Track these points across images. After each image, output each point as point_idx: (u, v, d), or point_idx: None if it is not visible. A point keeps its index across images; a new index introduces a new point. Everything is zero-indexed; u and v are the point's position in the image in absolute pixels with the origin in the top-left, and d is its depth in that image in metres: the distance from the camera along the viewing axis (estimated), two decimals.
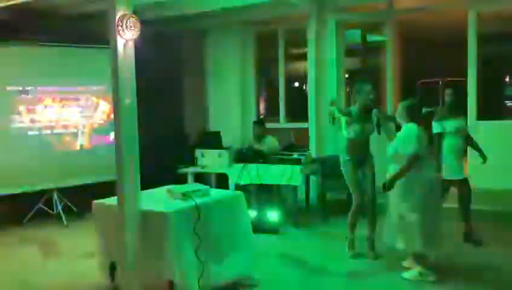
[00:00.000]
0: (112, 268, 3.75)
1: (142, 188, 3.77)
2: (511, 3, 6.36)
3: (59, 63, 6.52)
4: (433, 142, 4.92)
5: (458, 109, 5.20)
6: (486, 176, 6.46)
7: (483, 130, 6.57)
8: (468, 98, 6.64)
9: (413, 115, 4.12)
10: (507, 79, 10.71)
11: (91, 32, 6.51)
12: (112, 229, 3.68)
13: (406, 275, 4.13)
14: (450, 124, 4.99)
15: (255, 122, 6.75)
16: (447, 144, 4.98)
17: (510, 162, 6.39)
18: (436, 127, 5.03)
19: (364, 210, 4.66)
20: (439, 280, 4.02)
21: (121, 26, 3.42)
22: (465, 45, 6.60)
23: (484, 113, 6.67)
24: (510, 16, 6.96)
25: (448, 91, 5.17)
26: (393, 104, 7.26)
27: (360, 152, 4.59)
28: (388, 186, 4.04)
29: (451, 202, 5.03)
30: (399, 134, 4.20)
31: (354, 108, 4.61)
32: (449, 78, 10.53)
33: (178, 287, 3.42)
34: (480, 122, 6.62)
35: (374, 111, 4.46)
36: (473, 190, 5.15)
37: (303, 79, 8.86)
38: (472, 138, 5.26)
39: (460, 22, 6.65)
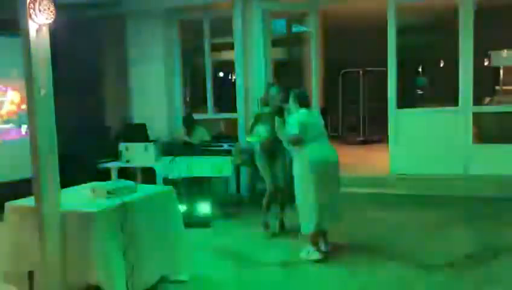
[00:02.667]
0: (30, 278, 3.42)
1: (62, 186, 3.47)
2: None
3: None
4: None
5: None
6: (404, 162, 6.84)
7: (402, 119, 6.92)
8: (389, 88, 6.91)
9: (302, 102, 4.50)
10: (420, 69, 11.34)
11: None
12: (29, 233, 3.34)
13: (301, 254, 4.40)
14: None
15: (184, 118, 6.57)
16: None
17: (429, 150, 6.77)
18: None
19: (277, 196, 5.15)
20: (328, 258, 4.30)
21: (33, 9, 3.08)
22: (385, 36, 6.85)
23: (400, 102, 7.01)
24: (426, 8, 7.33)
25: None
26: (318, 94, 7.40)
27: (272, 147, 4.99)
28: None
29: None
30: (290, 119, 4.51)
31: (267, 109, 5.04)
32: (368, 68, 10.98)
33: None
34: (400, 110, 6.93)
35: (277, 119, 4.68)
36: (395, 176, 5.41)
37: (231, 69, 8.76)
38: None
39: (381, 12, 6.88)
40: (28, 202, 3.41)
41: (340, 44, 9.98)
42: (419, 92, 12.12)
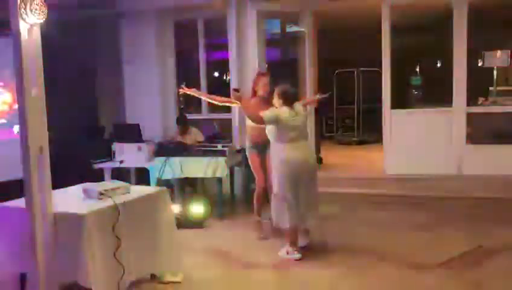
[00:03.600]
0: (22, 280, 3.40)
1: (53, 187, 3.44)
2: None
3: None
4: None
5: None
6: (399, 163, 6.86)
7: (397, 119, 6.94)
8: (383, 88, 6.93)
9: (286, 100, 4.42)
10: (416, 70, 11.36)
11: None
12: (20, 235, 3.31)
13: (280, 252, 4.43)
14: None
15: (177, 118, 6.54)
16: None
17: (423, 150, 6.79)
18: None
19: (267, 192, 5.01)
20: (327, 257, 4.33)
21: (24, 9, 3.06)
22: (379, 36, 6.86)
23: (395, 103, 7.02)
24: (421, 8, 7.34)
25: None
26: (312, 94, 7.39)
27: (261, 140, 4.81)
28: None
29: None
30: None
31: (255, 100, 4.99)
32: (362, 68, 11.00)
33: None
34: (394, 111, 6.94)
35: None
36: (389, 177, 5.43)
37: (225, 69, 8.73)
38: None
39: (375, 13, 6.89)
40: (19, 203, 3.38)
41: (335, 44, 9.98)
42: (415, 92, 12.13)
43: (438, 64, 11.07)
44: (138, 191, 3.91)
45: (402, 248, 4.60)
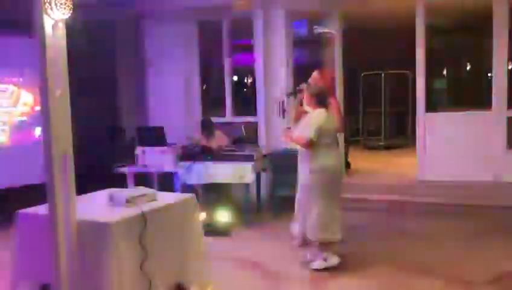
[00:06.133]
0: None
1: (76, 192, 3.25)
2: None
3: None
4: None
5: None
6: (432, 169, 6.54)
7: (431, 122, 6.63)
8: (417, 90, 6.64)
9: (321, 101, 4.17)
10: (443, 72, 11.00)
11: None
12: (42, 244, 3.12)
13: (313, 265, 4.14)
14: None
15: (203, 122, 6.33)
16: None
17: (457, 155, 6.46)
18: None
19: None
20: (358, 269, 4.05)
21: (49, 3, 2.88)
22: (411, 37, 6.57)
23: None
24: (455, 8, 7.04)
25: None
26: (340, 96, 7.14)
27: None
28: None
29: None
30: (305, 119, 4.20)
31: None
32: (391, 70, 10.67)
33: None
34: (428, 114, 6.64)
35: None
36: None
37: (250, 71, 8.54)
38: None
39: (406, 14, 6.61)
40: (42, 209, 3.19)
41: (361, 45, 9.70)
42: (441, 94, 11.77)
43: (470, 66, 10.67)
44: (165, 198, 3.69)
45: (444, 261, 4.29)
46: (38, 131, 6.00)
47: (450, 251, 4.60)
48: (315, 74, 4.66)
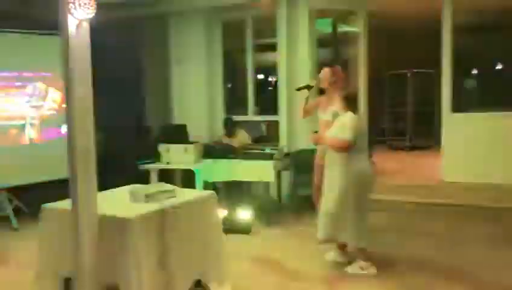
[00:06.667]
0: (67, 285, 3.30)
1: (100, 188, 3.34)
2: None
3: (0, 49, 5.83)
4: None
5: None
6: (458, 170, 6.40)
7: (457, 123, 6.49)
8: (443, 90, 6.50)
9: (352, 104, 4.12)
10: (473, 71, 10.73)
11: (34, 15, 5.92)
12: (66, 236, 3.21)
13: (350, 269, 4.07)
14: None
15: (224, 119, 6.38)
16: None
17: (484, 156, 6.31)
18: None
19: None
20: (382, 272, 3.98)
21: (73, 3, 2.96)
22: (437, 36, 6.45)
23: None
24: (484, 7, 6.87)
25: None
26: (365, 96, 7.07)
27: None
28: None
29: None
30: (336, 123, 4.12)
31: None
32: (416, 70, 10.48)
33: None
34: (454, 114, 6.50)
35: None
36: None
37: (273, 70, 8.53)
38: None
39: (432, 13, 6.49)
40: (65, 204, 3.28)
41: (387, 44, 9.56)
42: (470, 95, 11.49)
43: (502, 65, 10.37)
44: (185, 194, 3.74)
45: (472, 265, 4.17)
46: (65, 128, 6.15)
47: (478, 254, 4.48)
48: (325, 70, 4.68)
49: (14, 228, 5.75)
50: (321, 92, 4.89)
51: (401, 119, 10.76)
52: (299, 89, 4.93)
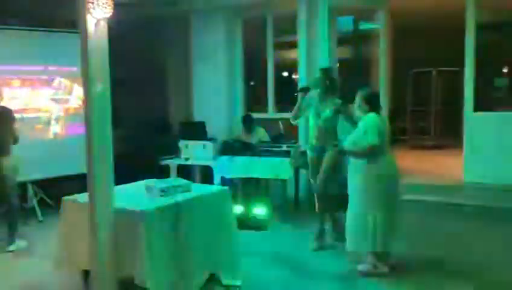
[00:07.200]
0: (85, 275, 3.43)
1: (122, 182, 3.44)
2: None
3: (28, 45, 6.02)
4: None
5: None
6: (480, 170, 6.28)
7: (480, 123, 6.37)
8: (465, 89, 6.39)
9: (375, 105, 3.99)
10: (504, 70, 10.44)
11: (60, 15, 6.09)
12: (84, 228, 3.33)
13: (360, 267, 4.02)
14: None
15: (243, 117, 6.44)
16: None
17: (509, 157, 6.17)
18: None
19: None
20: (394, 273, 3.94)
21: (92, 3, 3.07)
22: (460, 34, 6.33)
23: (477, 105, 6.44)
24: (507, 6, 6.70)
25: None
26: (386, 95, 7.01)
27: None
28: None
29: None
30: (359, 125, 4.01)
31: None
32: (441, 68, 10.30)
33: None
34: (478, 114, 6.38)
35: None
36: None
37: (292, 68, 8.53)
38: None
39: (455, 11, 6.38)
40: (85, 196, 3.40)
41: (411, 43, 9.43)
42: (499, 94, 11.21)
43: None
44: (200, 189, 3.83)
45: (495, 267, 4.11)
46: None
47: (501, 256, 4.41)
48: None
49: (39, 220, 5.94)
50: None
51: (424, 118, 10.60)
52: (301, 90, 4.84)
